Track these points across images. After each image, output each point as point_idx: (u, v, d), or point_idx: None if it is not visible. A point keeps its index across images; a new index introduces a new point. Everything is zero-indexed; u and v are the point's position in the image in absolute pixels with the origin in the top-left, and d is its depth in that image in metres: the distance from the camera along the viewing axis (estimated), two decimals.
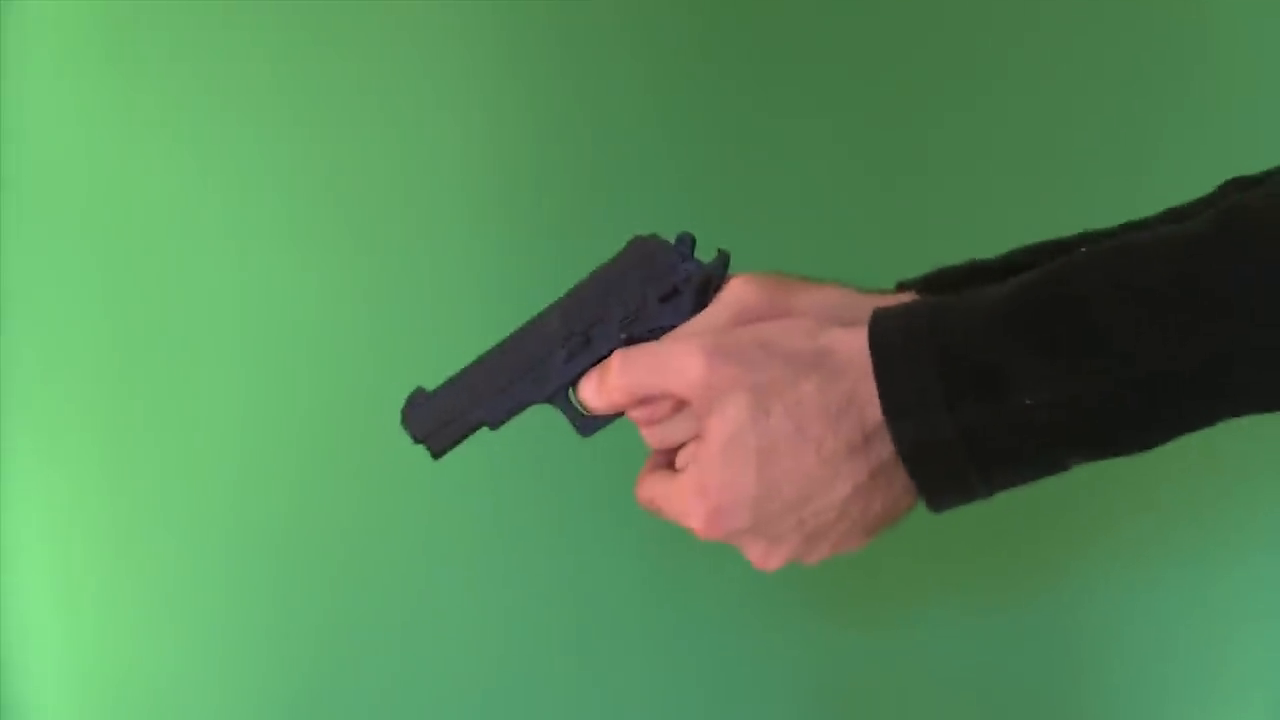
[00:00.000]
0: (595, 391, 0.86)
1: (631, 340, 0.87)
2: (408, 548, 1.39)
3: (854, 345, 0.79)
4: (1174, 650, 1.46)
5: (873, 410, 0.78)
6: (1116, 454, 0.78)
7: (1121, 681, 1.46)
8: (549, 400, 0.89)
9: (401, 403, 0.90)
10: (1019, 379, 0.76)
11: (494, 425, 0.90)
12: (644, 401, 0.85)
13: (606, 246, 1.36)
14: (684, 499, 0.83)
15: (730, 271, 0.87)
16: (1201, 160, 1.41)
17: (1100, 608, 1.46)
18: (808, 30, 1.39)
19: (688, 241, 0.88)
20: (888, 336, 0.79)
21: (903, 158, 1.40)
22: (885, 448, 0.79)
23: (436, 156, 1.36)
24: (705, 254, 0.88)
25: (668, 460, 0.87)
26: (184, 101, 1.33)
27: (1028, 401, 0.75)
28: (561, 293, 0.89)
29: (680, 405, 0.84)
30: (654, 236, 0.89)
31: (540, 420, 0.91)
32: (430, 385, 0.90)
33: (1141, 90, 1.42)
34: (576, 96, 1.36)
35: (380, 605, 1.39)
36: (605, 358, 0.87)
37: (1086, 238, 0.88)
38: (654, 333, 0.87)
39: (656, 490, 0.85)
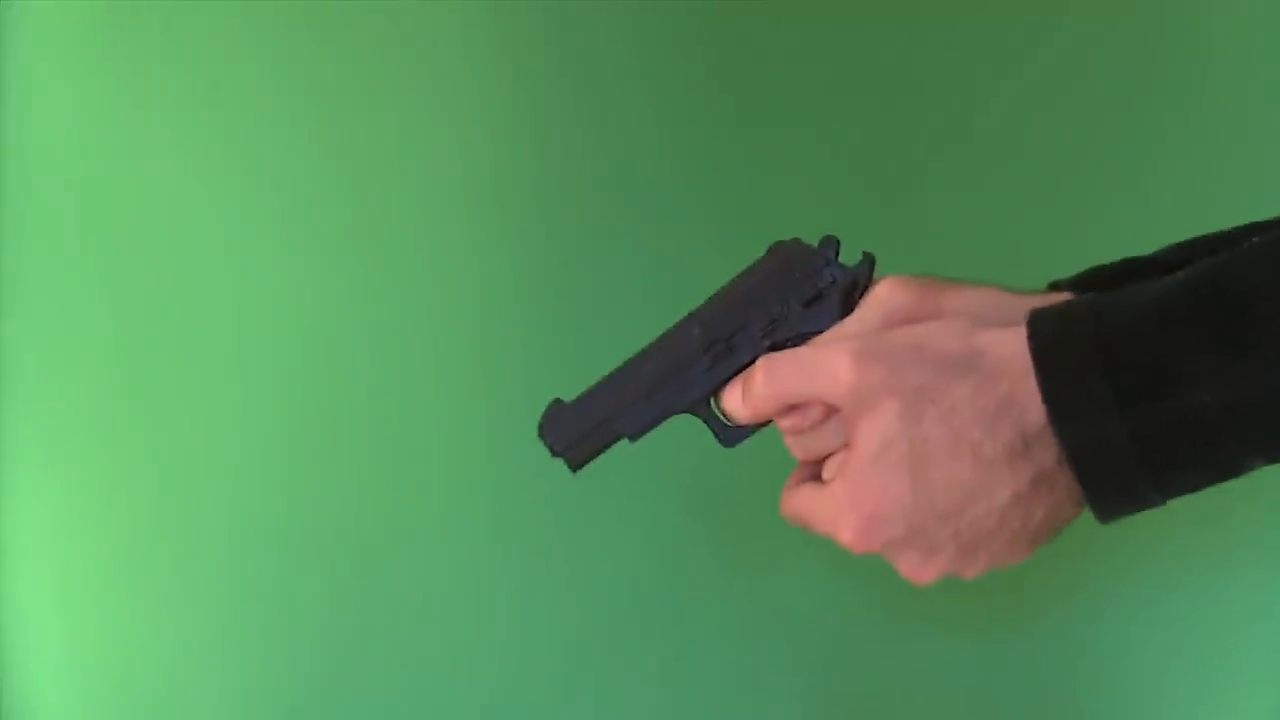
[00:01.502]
0: (740, 400, 0.83)
1: (775, 347, 0.84)
2: (408, 548, 1.38)
3: (1011, 345, 0.76)
4: (1180, 659, 1.43)
5: (1035, 413, 0.75)
6: None
7: (1127, 690, 1.43)
8: (691, 410, 0.86)
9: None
10: (1189, 377, 0.72)
11: (634, 437, 0.87)
12: (791, 409, 0.82)
13: (606, 247, 1.35)
14: (834, 510, 0.79)
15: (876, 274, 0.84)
16: (1204, 171, 1.39)
17: (1108, 618, 1.43)
18: (808, 35, 1.37)
19: (832, 245, 0.85)
20: (1048, 335, 0.75)
21: (902, 165, 1.38)
22: (1048, 452, 0.75)
23: (436, 156, 1.36)
24: (849, 257, 0.85)
25: (814, 473, 0.84)
26: (184, 101, 1.34)
27: (1199, 401, 0.72)
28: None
29: (829, 413, 0.81)
30: (796, 240, 0.86)
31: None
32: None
33: (1143, 98, 1.39)
34: (576, 98, 1.36)
35: (380, 605, 1.38)
36: (748, 365, 0.84)
37: (1256, 228, 0.84)
38: (799, 339, 0.84)
39: (803, 503, 0.82)
